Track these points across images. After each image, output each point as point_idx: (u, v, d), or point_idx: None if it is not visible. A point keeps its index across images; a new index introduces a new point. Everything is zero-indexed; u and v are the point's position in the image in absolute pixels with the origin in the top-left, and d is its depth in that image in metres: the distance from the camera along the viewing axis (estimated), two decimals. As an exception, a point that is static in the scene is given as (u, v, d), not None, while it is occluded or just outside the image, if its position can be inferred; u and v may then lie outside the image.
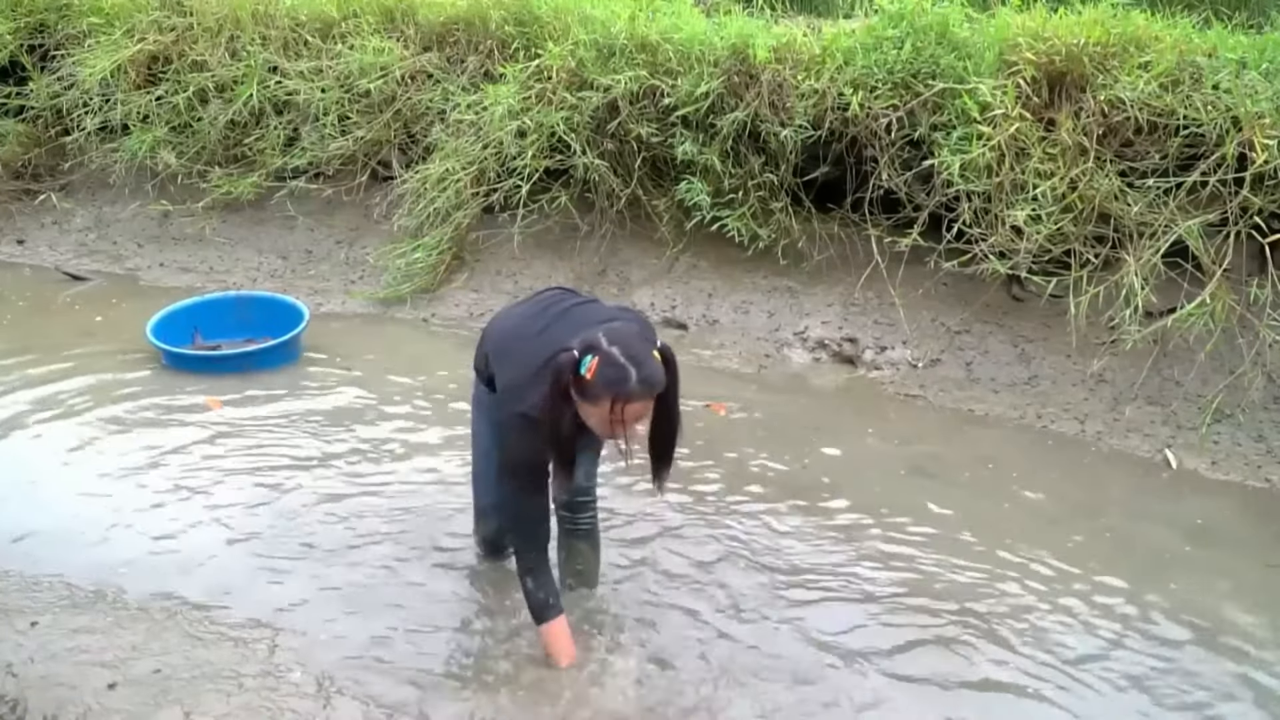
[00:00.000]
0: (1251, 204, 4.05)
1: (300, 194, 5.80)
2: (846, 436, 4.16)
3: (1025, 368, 4.55)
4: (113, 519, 3.49)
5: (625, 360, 2.47)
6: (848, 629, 3.03)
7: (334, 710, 2.65)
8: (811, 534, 3.49)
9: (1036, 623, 3.08)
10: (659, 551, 3.36)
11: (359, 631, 2.96)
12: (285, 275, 5.70)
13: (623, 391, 2.46)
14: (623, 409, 2.49)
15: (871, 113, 4.59)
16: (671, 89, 4.88)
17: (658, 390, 2.51)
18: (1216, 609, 3.16)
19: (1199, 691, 2.83)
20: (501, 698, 2.74)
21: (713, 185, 4.90)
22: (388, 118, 5.61)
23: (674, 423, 2.65)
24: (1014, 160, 4.32)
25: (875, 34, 4.68)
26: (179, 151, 5.94)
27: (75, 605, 3.01)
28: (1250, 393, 4.09)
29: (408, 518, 3.51)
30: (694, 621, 3.05)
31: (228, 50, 5.93)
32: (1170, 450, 4.06)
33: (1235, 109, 4.03)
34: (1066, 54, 4.33)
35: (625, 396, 2.47)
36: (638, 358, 2.48)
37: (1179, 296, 4.19)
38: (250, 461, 3.87)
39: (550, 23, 5.31)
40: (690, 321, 5.10)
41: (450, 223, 5.32)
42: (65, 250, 6.09)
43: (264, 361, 4.66)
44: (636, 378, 2.46)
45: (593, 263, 5.34)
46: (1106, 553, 3.44)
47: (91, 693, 2.64)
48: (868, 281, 4.84)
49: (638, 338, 2.55)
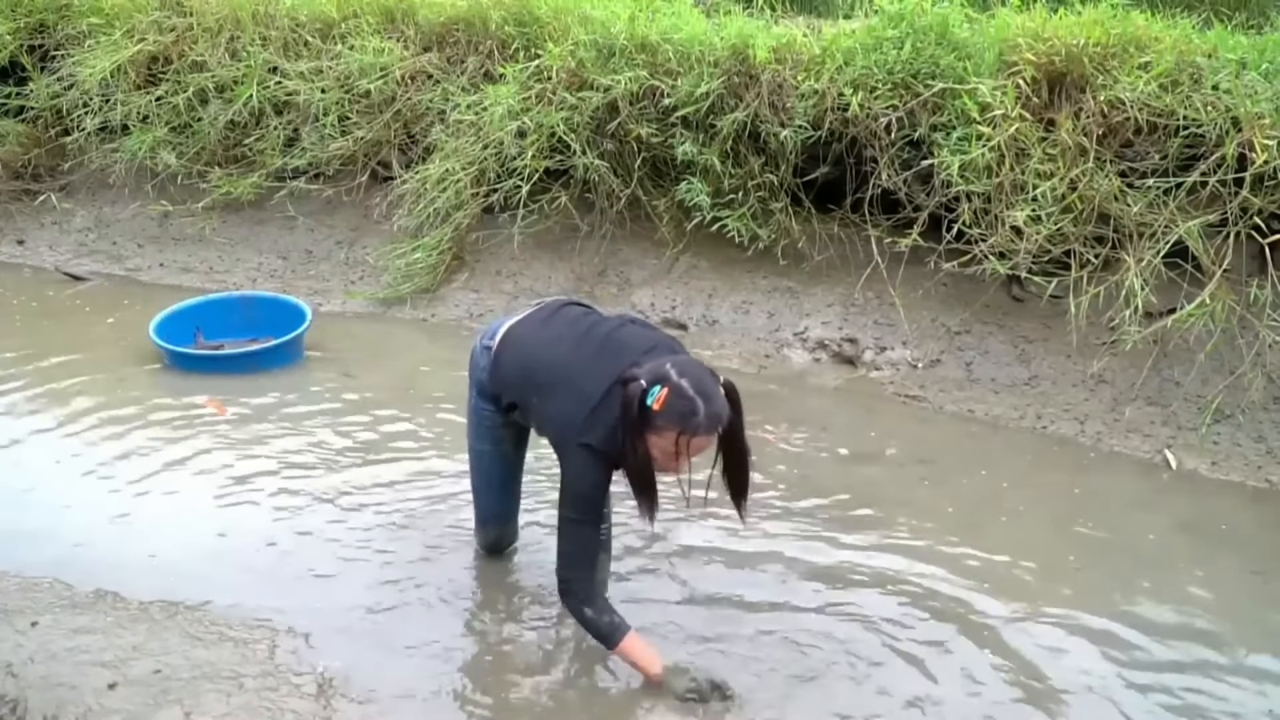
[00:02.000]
0: (1251, 204, 4.05)
1: (300, 194, 5.80)
2: (846, 437, 4.16)
3: (1025, 368, 4.55)
4: (113, 519, 3.49)
5: (695, 394, 2.50)
6: (846, 628, 3.03)
7: (334, 710, 2.65)
8: (810, 534, 3.49)
9: (1035, 623, 3.08)
10: (644, 549, 3.36)
11: (359, 632, 2.96)
12: (285, 275, 5.70)
13: (690, 425, 2.49)
14: (688, 443, 2.52)
15: (871, 113, 4.59)
16: (671, 89, 4.88)
17: (723, 426, 2.54)
18: (1217, 610, 3.16)
19: (1198, 693, 2.83)
20: (503, 698, 2.74)
21: (713, 185, 4.90)
22: (388, 118, 5.61)
23: (744, 455, 2.71)
24: (1014, 161, 4.32)
25: (875, 34, 4.68)
26: (179, 152, 5.94)
27: (75, 605, 3.01)
28: (1250, 393, 4.09)
29: (409, 518, 3.51)
30: (682, 618, 3.05)
31: (228, 50, 5.92)
32: (1170, 451, 4.06)
33: (1235, 109, 4.03)
34: (1066, 54, 4.33)
35: (692, 430, 2.50)
36: (707, 392, 2.51)
37: (1179, 297, 4.19)
38: (250, 461, 3.88)
39: (550, 23, 5.31)
40: (690, 322, 5.10)
41: (450, 223, 5.32)
42: (65, 250, 6.09)
43: (266, 361, 4.66)
44: (705, 412, 2.49)
45: (593, 263, 5.34)
46: (1106, 553, 3.44)
47: (91, 693, 2.64)
48: (868, 282, 4.84)
49: (706, 373, 2.58)
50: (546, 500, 3.60)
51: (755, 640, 2.97)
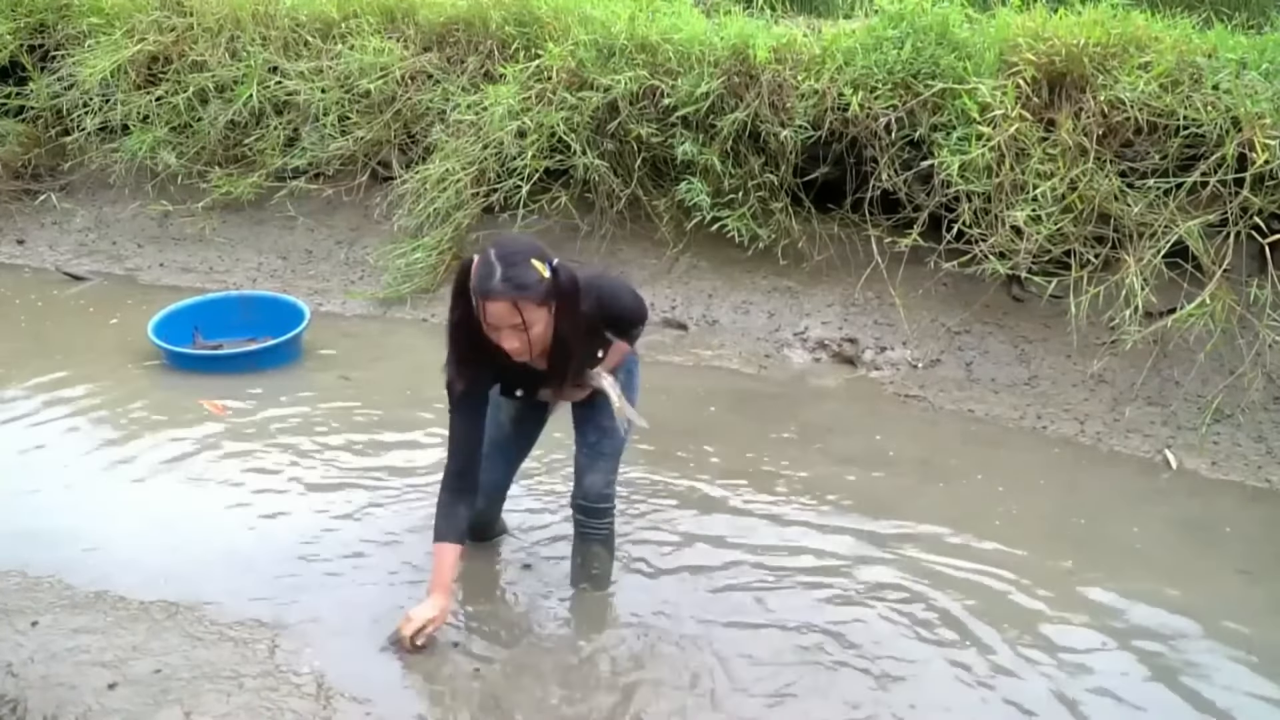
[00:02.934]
0: (1251, 204, 4.05)
1: (300, 194, 5.80)
2: (846, 437, 4.16)
3: (1025, 368, 4.55)
4: (113, 519, 3.49)
5: (496, 260, 2.53)
6: (844, 627, 3.03)
7: (334, 710, 2.65)
8: (810, 534, 3.49)
9: (1034, 623, 3.08)
10: (647, 549, 3.35)
11: (359, 631, 2.96)
12: (285, 275, 5.70)
13: (482, 288, 2.53)
14: (484, 308, 2.55)
15: (871, 113, 4.59)
16: (671, 89, 4.88)
17: (521, 294, 2.52)
18: (1216, 610, 3.15)
19: (1198, 693, 2.83)
20: (504, 698, 2.74)
21: (713, 185, 4.90)
22: (388, 118, 5.61)
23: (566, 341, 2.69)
24: (1014, 161, 4.32)
25: (875, 34, 4.69)
26: (179, 152, 5.94)
27: (75, 605, 3.01)
28: (1250, 393, 4.09)
29: (408, 518, 3.50)
30: (670, 613, 3.05)
31: (228, 50, 5.93)
32: (1170, 451, 4.05)
33: (1235, 109, 4.03)
34: (1066, 54, 4.34)
35: (484, 294, 2.53)
36: (510, 259, 2.53)
37: (1179, 297, 4.19)
38: (249, 461, 3.87)
39: (550, 23, 5.32)
40: (690, 322, 5.10)
41: (450, 223, 5.32)
42: (65, 250, 6.09)
43: (265, 361, 4.66)
44: (500, 276, 2.51)
45: (593, 263, 5.34)
46: (1106, 553, 3.43)
47: (91, 693, 2.64)
48: (868, 282, 4.84)
49: (527, 247, 2.61)
50: (544, 510, 3.61)
51: (748, 641, 2.96)
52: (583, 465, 3.03)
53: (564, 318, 2.65)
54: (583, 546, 3.09)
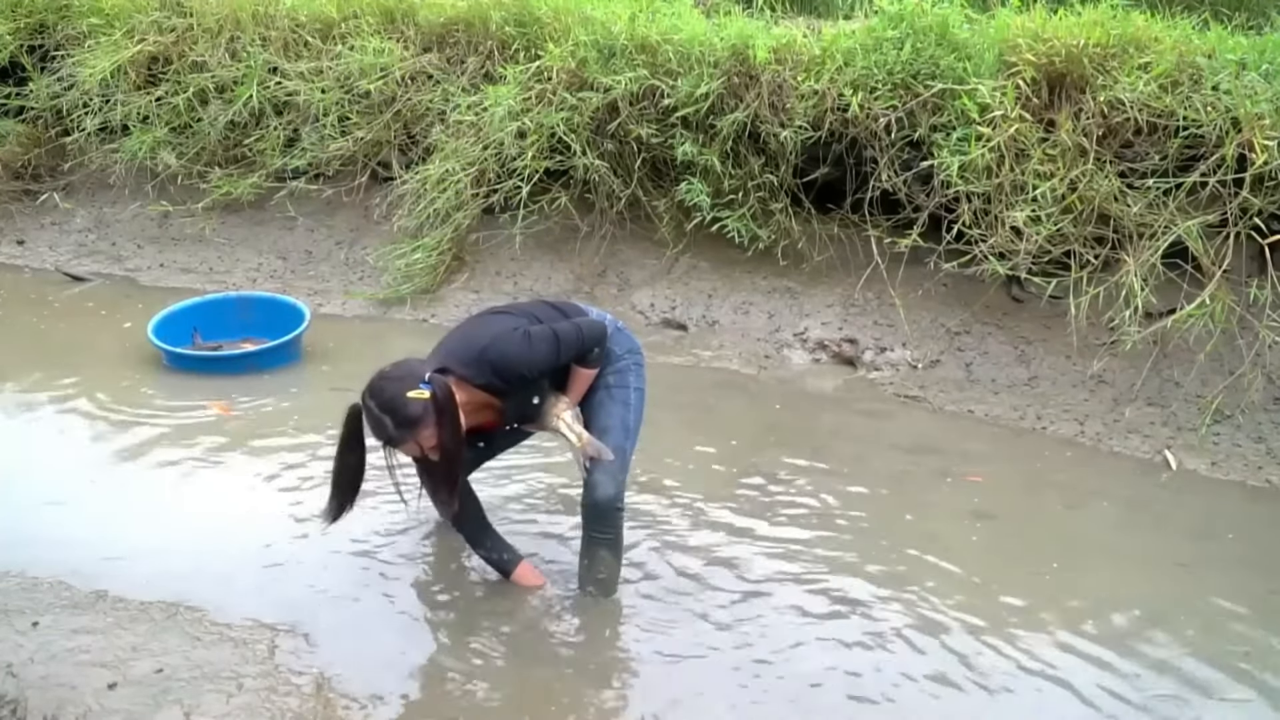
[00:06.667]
0: (1251, 205, 4.05)
1: (300, 194, 5.80)
2: (846, 438, 4.16)
3: (1025, 369, 4.55)
4: (113, 519, 3.49)
5: (380, 412, 2.77)
6: (844, 626, 3.03)
7: (334, 710, 2.65)
8: (810, 534, 3.49)
9: (1033, 623, 3.08)
10: (650, 551, 3.36)
11: (359, 632, 2.96)
12: (285, 276, 5.70)
13: (383, 438, 2.80)
14: (394, 450, 2.84)
15: (871, 113, 4.60)
16: (671, 90, 4.88)
17: (416, 430, 2.74)
18: (1216, 610, 3.15)
19: (1198, 694, 2.83)
20: (504, 696, 2.74)
21: (713, 186, 4.90)
22: (388, 118, 5.61)
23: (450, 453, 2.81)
24: (1014, 161, 4.32)
25: (875, 35, 4.68)
26: (179, 152, 5.94)
27: (75, 605, 3.01)
28: (1250, 393, 4.09)
29: (408, 518, 3.50)
30: (668, 619, 3.05)
31: (228, 51, 5.93)
32: (1170, 451, 4.06)
33: (1235, 110, 4.04)
34: (1066, 55, 4.34)
35: (388, 442, 2.81)
36: (389, 405, 2.75)
37: (1179, 297, 4.19)
38: (249, 462, 3.87)
39: (550, 23, 5.32)
40: (690, 322, 5.10)
41: (450, 223, 5.32)
42: (65, 251, 6.09)
43: (265, 362, 4.66)
44: (392, 425, 2.76)
45: (593, 263, 5.34)
46: (1106, 554, 3.44)
47: (91, 693, 2.64)
48: (867, 282, 4.84)
49: (397, 383, 2.76)
50: (547, 511, 3.62)
51: (745, 644, 2.96)
52: (588, 469, 3.03)
53: (444, 427, 2.78)
54: (589, 550, 3.08)
